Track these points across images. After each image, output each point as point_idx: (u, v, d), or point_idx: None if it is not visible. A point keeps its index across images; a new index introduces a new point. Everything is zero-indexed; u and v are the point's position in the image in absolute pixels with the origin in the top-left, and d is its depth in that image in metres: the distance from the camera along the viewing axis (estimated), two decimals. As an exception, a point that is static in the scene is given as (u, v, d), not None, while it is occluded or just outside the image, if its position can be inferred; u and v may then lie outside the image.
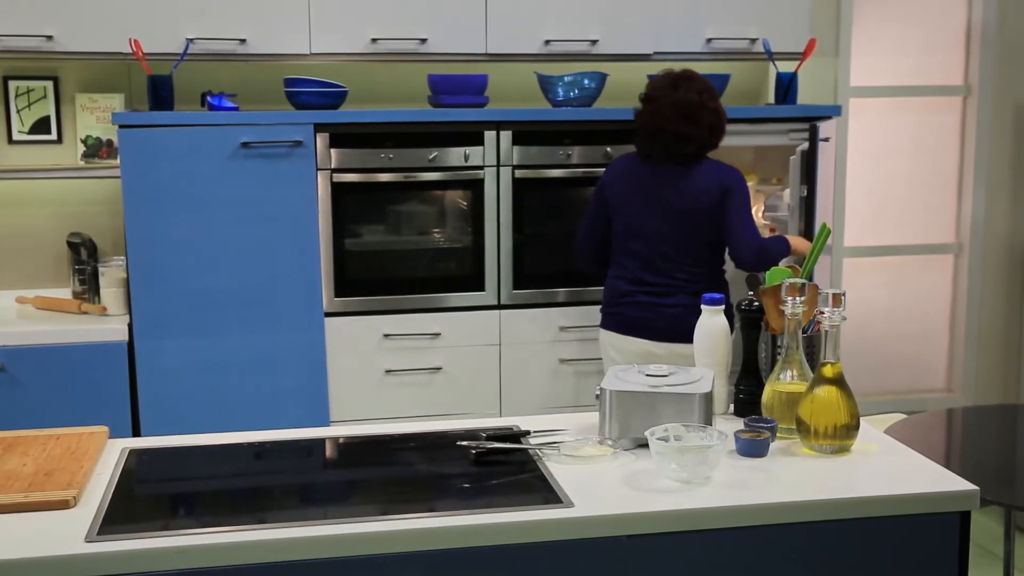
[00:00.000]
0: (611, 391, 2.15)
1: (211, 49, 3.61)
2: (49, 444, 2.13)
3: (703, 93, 3.29)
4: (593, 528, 1.83)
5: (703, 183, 3.27)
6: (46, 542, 1.73)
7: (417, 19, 3.74)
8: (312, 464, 2.25)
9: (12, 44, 3.49)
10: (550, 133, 3.75)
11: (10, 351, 3.45)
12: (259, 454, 2.25)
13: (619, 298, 3.39)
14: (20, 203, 3.87)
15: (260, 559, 1.74)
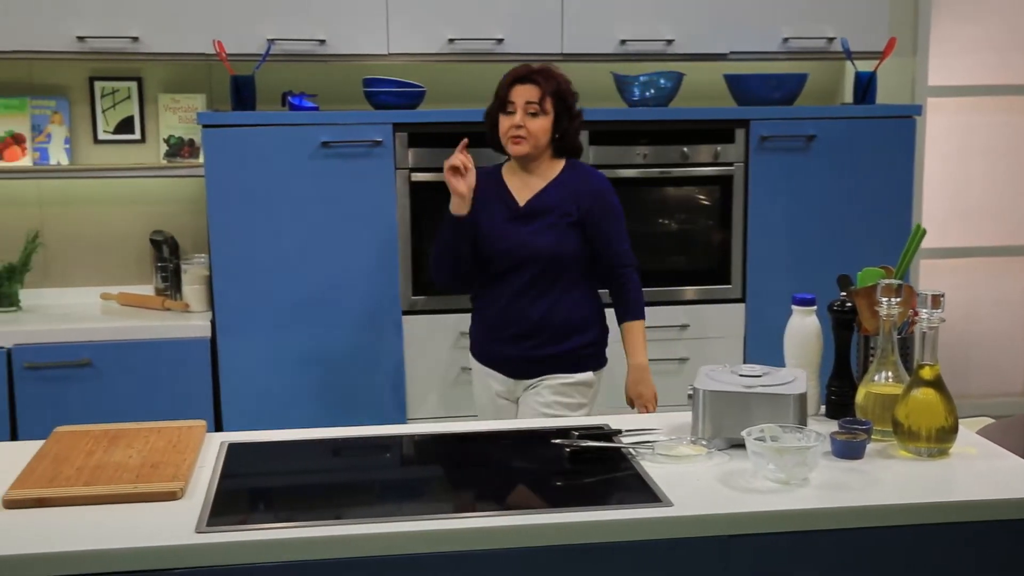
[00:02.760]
0: (704, 391, 2.15)
1: (291, 50, 3.66)
2: (151, 437, 2.18)
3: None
4: (693, 527, 1.83)
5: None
6: (157, 532, 1.76)
7: (494, 19, 3.76)
8: (406, 460, 2.28)
9: (99, 45, 3.56)
10: (626, 133, 3.75)
11: (96, 346, 3.52)
12: (353, 450, 2.27)
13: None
14: (105, 202, 3.95)
15: (364, 553, 1.76)
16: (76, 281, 3.97)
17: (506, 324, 2.99)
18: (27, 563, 1.69)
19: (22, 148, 3.78)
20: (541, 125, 2.93)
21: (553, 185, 2.98)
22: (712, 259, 3.88)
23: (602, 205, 2.98)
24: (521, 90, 2.93)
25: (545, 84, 2.92)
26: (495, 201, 2.99)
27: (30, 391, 3.47)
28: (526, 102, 2.91)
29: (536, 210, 2.96)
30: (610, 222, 2.99)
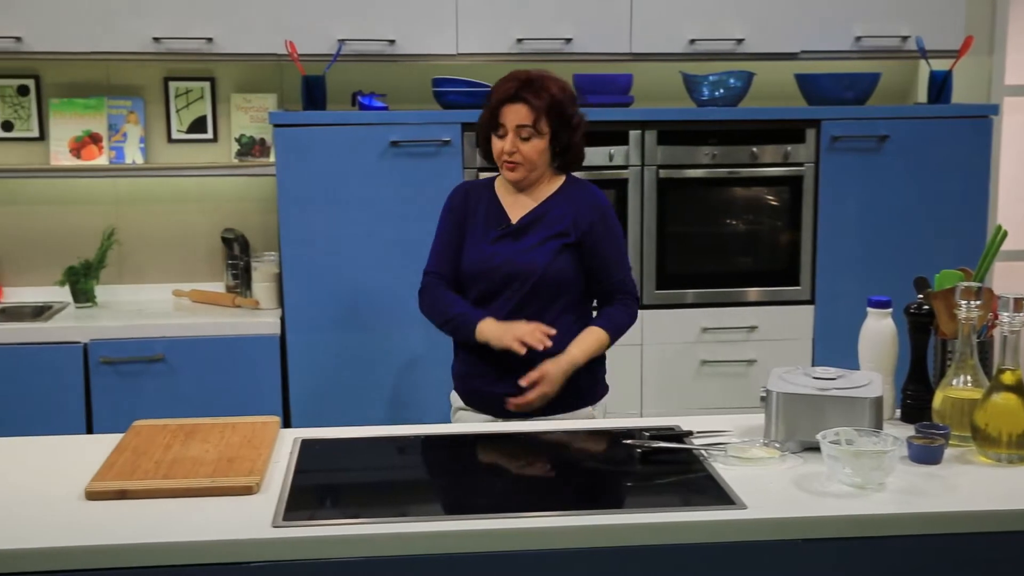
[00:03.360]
0: (778, 393, 2.13)
1: (361, 50, 3.69)
2: (227, 432, 2.21)
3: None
4: (767, 531, 1.81)
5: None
6: (234, 526, 1.79)
7: (562, 19, 3.76)
8: (474, 458, 2.28)
9: (174, 46, 3.62)
10: (695, 133, 3.73)
11: (169, 342, 3.58)
12: (421, 447, 2.29)
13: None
14: (177, 200, 4.01)
15: (437, 550, 1.76)
16: (149, 278, 4.04)
17: (492, 356, 2.59)
18: (108, 553, 1.72)
19: (99, 147, 3.86)
20: (537, 148, 2.57)
21: (550, 202, 2.65)
22: (780, 260, 3.84)
23: (603, 225, 2.63)
24: (511, 111, 2.56)
25: (537, 102, 2.55)
26: (486, 216, 2.67)
27: (105, 385, 3.55)
28: (517, 125, 2.55)
29: (529, 227, 2.62)
30: (610, 244, 2.64)
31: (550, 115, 2.56)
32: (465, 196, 2.72)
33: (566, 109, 2.59)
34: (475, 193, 2.71)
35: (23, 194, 3.94)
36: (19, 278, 3.98)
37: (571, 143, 2.62)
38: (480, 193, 2.71)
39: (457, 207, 2.71)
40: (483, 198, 2.69)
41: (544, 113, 2.56)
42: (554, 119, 2.57)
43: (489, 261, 2.62)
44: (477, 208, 2.68)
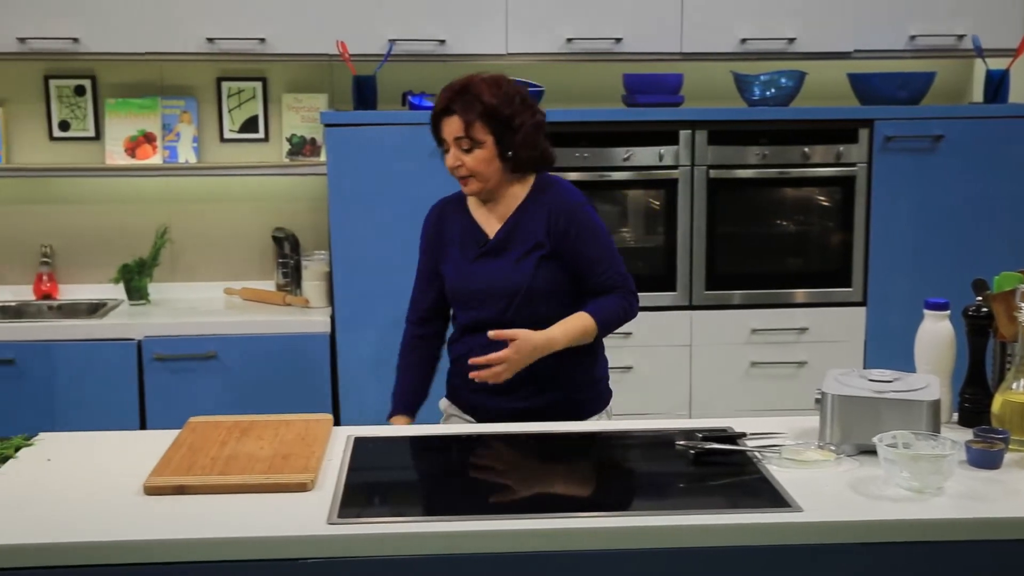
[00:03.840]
0: (833, 395, 2.11)
1: (412, 50, 3.70)
2: (281, 429, 2.23)
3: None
4: (824, 534, 1.80)
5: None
6: (289, 522, 1.80)
7: (612, 19, 3.75)
8: (525, 458, 2.28)
9: (227, 47, 3.66)
10: (746, 133, 3.71)
11: (220, 339, 3.62)
12: (472, 446, 2.29)
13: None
14: (229, 199, 4.05)
15: (491, 549, 1.77)
16: (201, 276, 4.08)
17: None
18: (167, 548, 1.75)
19: (153, 147, 3.91)
20: (479, 157, 2.45)
21: (521, 211, 2.53)
22: (831, 262, 3.81)
23: (576, 226, 2.50)
24: (447, 125, 2.48)
25: (466, 112, 2.44)
26: (463, 236, 2.58)
27: (158, 381, 3.59)
28: (455, 138, 2.47)
29: (506, 242, 2.53)
30: (589, 243, 2.51)
31: (486, 122, 2.44)
32: (438, 219, 2.64)
33: (502, 112, 2.45)
34: (449, 212, 2.63)
35: (79, 193, 4.00)
36: (74, 275, 4.03)
37: (518, 143, 2.46)
38: (454, 211, 2.62)
39: (430, 233, 2.65)
40: (457, 216, 2.61)
41: (477, 121, 2.44)
42: (492, 125, 2.44)
43: (471, 282, 2.55)
44: (452, 227, 2.61)
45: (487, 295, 2.53)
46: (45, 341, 3.54)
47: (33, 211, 4.00)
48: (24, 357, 3.52)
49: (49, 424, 2.94)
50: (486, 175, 2.48)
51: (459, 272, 2.57)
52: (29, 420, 3.38)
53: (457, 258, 2.58)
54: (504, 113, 2.46)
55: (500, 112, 2.45)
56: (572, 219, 2.51)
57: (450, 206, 2.64)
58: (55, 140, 3.96)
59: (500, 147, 2.47)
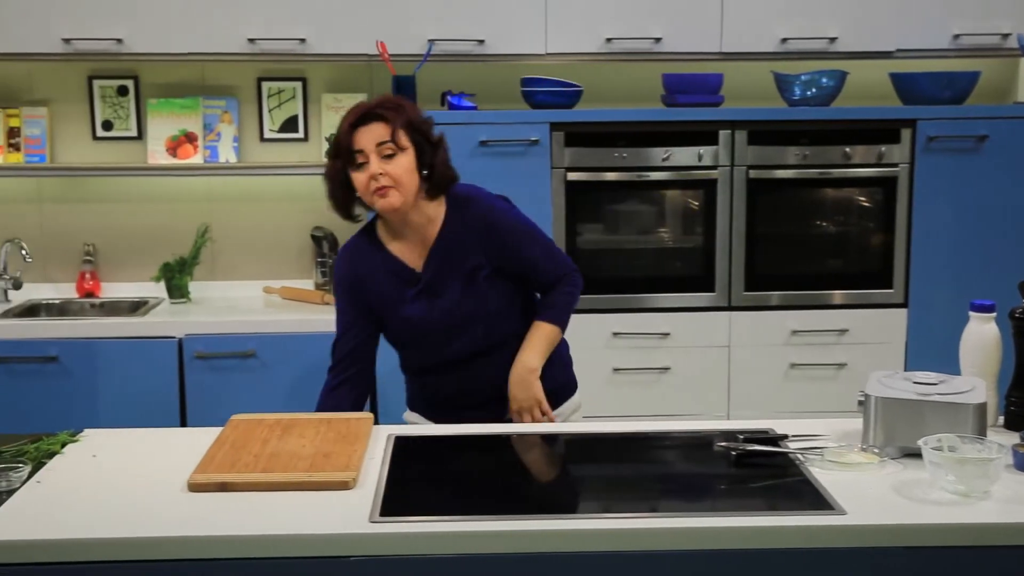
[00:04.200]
0: (877, 397, 2.09)
1: (451, 50, 3.71)
2: (322, 428, 2.24)
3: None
4: (868, 537, 1.78)
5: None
6: (331, 520, 1.81)
7: (652, 18, 3.74)
8: (566, 458, 2.28)
9: (268, 47, 3.69)
10: (786, 133, 3.68)
11: (260, 338, 3.64)
12: (510, 446, 2.29)
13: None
14: (269, 198, 4.08)
15: (532, 548, 1.76)
16: (241, 275, 4.11)
17: (453, 397, 2.53)
18: (211, 544, 1.76)
19: (194, 146, 3.94)
20: (403, 165, 2.35)
21: (444, 236, 2.44)
22: (872, 263, 3.78)
23: (511, 234, 2.46)
24: (366, 133, 2.34)
25: (394, 117, 2.35)
26: (388, 276, 2.46)
27: (198, 379, 3.62)
28: (377, 144, 2.33)
29: (440, 274, 2.44)
30: (526, 245, 2.48)
31: (409, 132, 2.36)
32: (351, 265, 2.49)
33: (423, 124, 2.40)
34: (362, 256, 2.48)
35: (121, 192, 4.05)
36: (116, 273, 4.08)
37: (436, 161, 2.41)
38: (367, 253, 2.48)
39: (348, 280, 2.49)
40: (373, 256, 2.47)
41: (402, 127, 2.35)
42: (414, 134, 2.37)
43: (418, 326, 2.46)
44: (372, 271, 2.47)
45: (440, 335, 2.45)
46: (88, 338, 3.58)
47: (76, 210, 4.05)
48: (67, 354, 3.56)
49: (91, 420, 2.98)
50: (408, 187, 2.36)
51: (399, 318, 2.46)
52: (72, 416, 3.43)
53: (394, 305, 2.46)
54: (424, 127, 2.41)
55: (423, 125, 2.40)
56: (504, 229, 2.45)
57: (362, 245, 2.50)
58: (98, 140, 4.00)
59: (420, 161, 2.39)
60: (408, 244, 2.47)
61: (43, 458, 2.10)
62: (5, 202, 4.02)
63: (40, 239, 4.03)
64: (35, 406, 3.53)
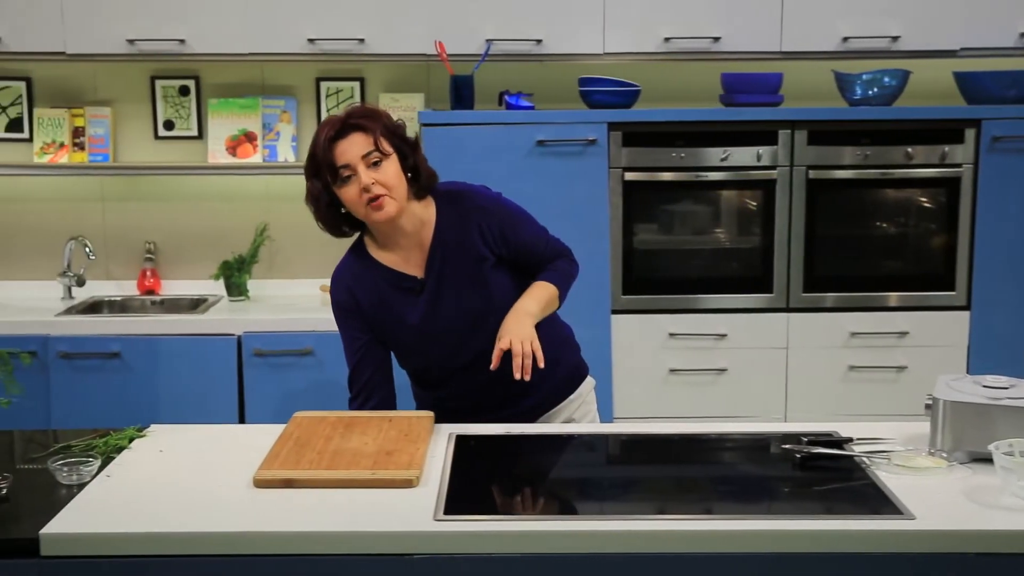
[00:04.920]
0: (945, 401, 2.06)
1: (509, 50, 3.72)
2: (384, 425, 2.25)
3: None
4: (937, 543, 1.76)
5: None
6: (396, 518, 1.82)
7: (711, 17, 3.71)
8: (625, 459, 2.28)
9: (327, 47, 3.72)
10: (847, 133, 3.64)
11: (317, 336, 3.67)
12: (574, 446, 2.29)
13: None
14: (326, 197, 4.10)
15: (598, 549, 1.76)
16: (297, 273, 4.15)
17: (476, 399, 2.45)
18: (278, 540, 1.78)
19: (253, 146, 3.98)
20: (392, 171, 2.29)
21: (440, 238, 2.38)
22: (934, 265, 3.73)
23: (508, 224, 2.41)
24: (346, 146, 2.27)
25: (370, 124, 2.29)
26: (390, 291, 2.40)
27: (257, 376, 3.65)
28: (362, 156, 2.27)
29: (443, 275, 2.38)
30: (523, 232, 2.44)
31: (388, 137, 2.30)
32: (350, 288, 2.42)
33: (398, 129, 2.35)
34: (356, 276, 2.42)
35: (182, 191, 4.10)
36: (176, 271, 4.13)
37: (418, 161, 2.36)
38: (362, 270, 2.42)
39: (348, 306, 2.43)
40: (369, 274, 2.41)
41: (382, 134, 2.29)
42: (393, 140, 2.32)
43: (429, 335, 2.39)
44: (373, 287, 2.40)
45: (457, 334, 2.39)
46: (149, 335, 3.63)
47: (138, 208, 4.11)
48: (129, 350, 3.61)
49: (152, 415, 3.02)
50: (400, 191, 2.30)
51: (411, 331, 2.40)
52: (133, 411, 3.48)
53: (401, 318, 2.39)
54: (400, 132, 2.36)
55: (398, 129, 2.35)
56: (500, 219, 2.41)
57: (355, 266, 2.44)
58: (160, 139, 4.06)
59: (403, 164, 2.33)
60: (403, 253, 2.40)
61: (111, 453, 2.14)
62: (70, 200, 4.09)
63: (103, 237, 4.10)
64: (97, 401, 3.59)
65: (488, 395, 2.45)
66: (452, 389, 2.47)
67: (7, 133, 4.03)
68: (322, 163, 2.29)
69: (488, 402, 2.46)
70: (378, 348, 2.44)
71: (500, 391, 2.43)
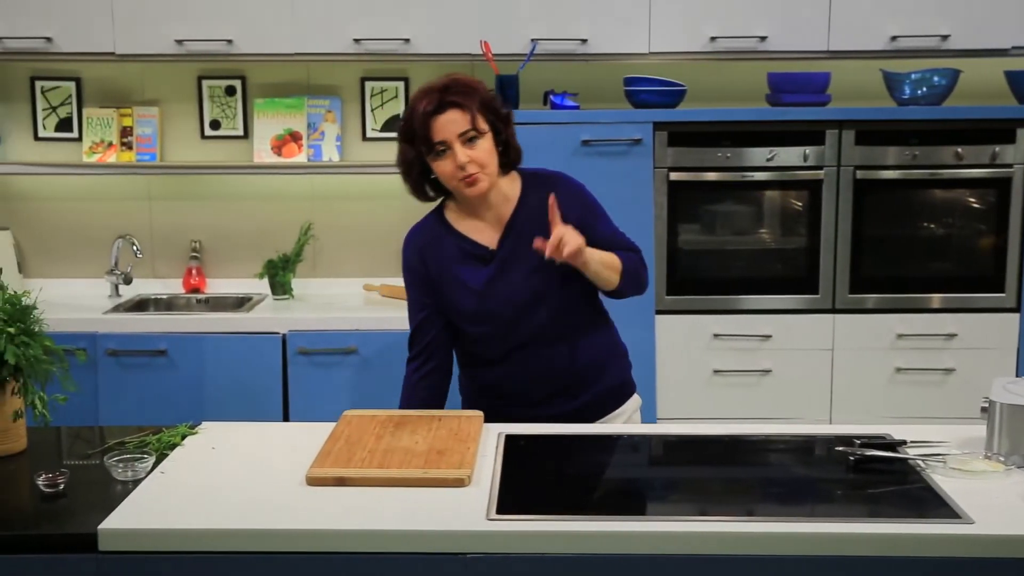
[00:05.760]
0: (1001, 404, 2.03)
1: (554, 50, 3.71)
2: (433, 425, 2.25)
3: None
4: (997, 547, 1.73)
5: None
6: (449, 516, 1.82)
7: (757, 16, 3.69)
8: (674, 460, 2.27)
9: (373, 47, 3.73)
10: (895, 133, 3.61)
11: (361, 335, 3.68)
12: (623, 446, 2.28)
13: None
14: (370, 197, 4.12)
15: (649, 549, 1.76)
16: (341, 272, 4.16)
17: (524, 389, 2.45)
18: (329, 538, 1.79)
19: (299, 145, 4.00)
20: (486, 148, 2.32)
21: (521, 213, 2.41)
22: (983, 266, 3.68)
23: (590, 208, 2.45)
24: (444, 122, 2.30)
25: (468, 102, 2.31)
26: (462, 258, 2.42)
27: (301, 374, 3.67)
28: (458, 134, 2.30)
29: (517, 248, 2.39)
30: (603, 221, 2.46)
31: (484, 112, 2.33)
32: (421, 251, 2.46)
33: (494, 102, 2.37)
34: (430, 239, 2.46)
35: (227, 190, 4.13)
36: (221, 269, 4.16)
37: (509, 136, 2.39)
38: (436, 235, 2.45)
39: (417, 267, 2.46)
40: (443, 239, 2.44)
41: (479, 112, 2.32)
42: (489, 115, 2.34)
43: (491, 302, 2.40)
44: (444, 252, 2.43)
45: (518, 308, 2.39)
46: (195, 333, 3.66)
47: (184, 207, 4.14)
48: (176, 348, 3.64)
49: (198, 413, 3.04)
50: (493, 168, 2.34)
51: (474, 296, 2.41)
52: (179, 408, 3.53)
53: (466, 282, 2.41)
54: (496, 104, 2.38)
55: (494, 102, 2.37)
56: (582, 206, 2.43)
57: (429, 230, 2.48)
58: (206, 139, 4.09)
59: (496, 140, 2.36)
60: (481, 223, 2.43)
61: (165, 449, 2.15)
62: (118, 199, 4.13)
63: (149, 236, 4.14)
64: (144, 398, 3.62)
65: (536, 386, 2.45)
66: (503, 371, 2.46)
67: (57, 133, 4.08)
68: (418, 134, 2.32)
69: (534, 394, 2.45)
70: (439, 316, 2.47)
71: (546, 387, 2.45)
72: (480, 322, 2.43)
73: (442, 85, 2.34)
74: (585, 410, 2.47)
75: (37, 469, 2.00)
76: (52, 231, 4.15)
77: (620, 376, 2.56)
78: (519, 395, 2.46)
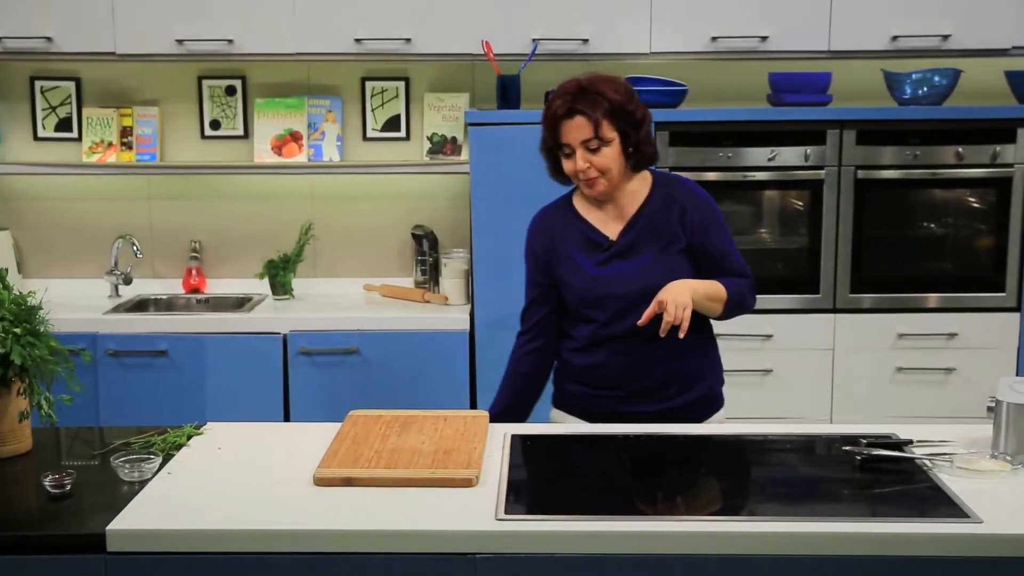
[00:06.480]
0: (1008, 403, 2.04)
1: (555, 49, 3.71)
2: (439, 425, 2.25)
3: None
4: (1006, 547, 1.74)
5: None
6: (458, 516, 1.82)
7: (758, 16, 3.69)
8: (681, 459, 2.26)
9: (374, 47, 3.72)
10: (896, 133, 3.62)
11: (362, 335, 3.68)
12: (629, 446, 2.28)
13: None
14: (371, 197, 4.12)
15: (659, 549, 1.76)
16: (342, 272, 4.16)
17: (619, 380, 2.47)
18: (337, 538, 1.79)
19: (299, 145, 4.00)
20: (608, 156, 2.39)
21: (646, 208, 2.47)
22: (984, 266, 3.69)
23: (711, 219, 2.48)
24: (571, 128, 2.39)
25: (594, 112, 2.38)
26: (580, 241, 2.49)
27: (302, 374, 3.67)
28: (581, 141, 2.39)
29: (636, 241, 2.46)
30: (721, 235, 2.49)
31: (612, 119, 2.39)
32: (544, 231, 2.54)
33: (626, 107, 2.41)
34: (555, 222, 2.54)
35: (228, 190, 4.12)
36: (221, 270, 4.15)
37: (640, 140, 2.44)
38: (562, 218, 2.54)
39: (539, 245, 2.54)
40: (567, 223, 2.52)
41: (605, 119, 2.38)
42: (617, 122, 2.40)
43: (602, 288, 2.45)
44: (566, 235, 2.51)
45: (624, 301, 2.42)
46: (196, 333, 3.66)
47: (184, 207, 4.13)
48: (176, 348, 3.64)
49: (199, 413, 3.04)
50: (614, 174, 2.42)
51: (587, 279, 2.47)
52: (180, 409, 3.53)
53: (581, 265, 2.48)
54: (628, 109, 2.42)
55: (624, 108, 2.42)
56: (706, 212, 2.48)
57: (556, 213, 2.56)
58: (206, 139, 4.08)
59: (624, 144, 2.42)
60: (606, 215, 2.50)
61: (171, 450, 2.15)
62: (118, 199, 4.12)
63: (149, 236, 4.13)
64: (145, 398, 3.61)
65: (629, 377, 2.46)
66: (602, 358, 2.48)
67: (57, 132, 4.07)
68: (549, 132, 2.45)
69: (628, 385, 2.46)
70: (552, 296, 2.54)
71: (638, 384, 2.46)
72: (588, 306, 2.48)
73: (577, 88, 2.43)
74: (671, 415, 2.46)
75: (43, 470, 2.00)
76: (52, 231, 4.14)
77: (712, 389, 2.55)
78: (610, 387, 2.48)
